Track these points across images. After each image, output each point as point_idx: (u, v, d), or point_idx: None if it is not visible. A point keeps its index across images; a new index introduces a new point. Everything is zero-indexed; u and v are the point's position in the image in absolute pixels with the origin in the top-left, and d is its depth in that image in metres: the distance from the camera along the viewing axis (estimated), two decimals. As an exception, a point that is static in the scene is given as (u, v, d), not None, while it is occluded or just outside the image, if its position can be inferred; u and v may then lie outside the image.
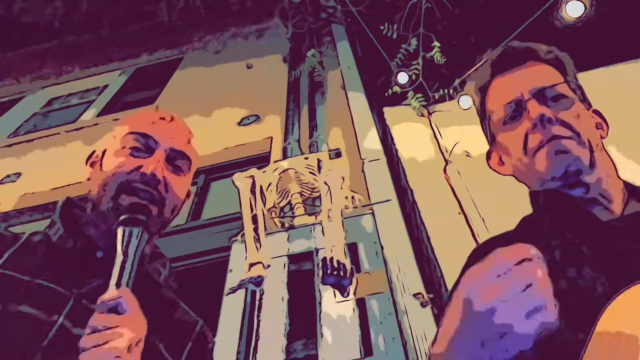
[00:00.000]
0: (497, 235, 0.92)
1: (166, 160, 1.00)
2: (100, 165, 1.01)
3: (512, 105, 0.90)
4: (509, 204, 1.30)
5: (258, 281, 2.28)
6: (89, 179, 1.03)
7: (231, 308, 2.39)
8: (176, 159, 1.02)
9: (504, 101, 0.91)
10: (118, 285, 0.82)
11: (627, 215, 0.84)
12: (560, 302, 0.59)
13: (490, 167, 1.00)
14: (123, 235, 0.87)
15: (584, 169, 0.84)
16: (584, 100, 0.94)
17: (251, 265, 2.38)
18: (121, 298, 0.79)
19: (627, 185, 0.89)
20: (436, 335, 0.69)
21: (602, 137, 0.92)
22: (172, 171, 1.01)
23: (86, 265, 0.94)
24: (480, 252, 0.92)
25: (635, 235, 0.78)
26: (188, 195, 1.08)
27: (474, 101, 1.02)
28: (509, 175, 0.97)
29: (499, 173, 0.99)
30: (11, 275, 0.88)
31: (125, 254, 0.85)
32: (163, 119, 1.05)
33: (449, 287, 2.27)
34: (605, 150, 0.90)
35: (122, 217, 0.89)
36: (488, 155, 1.00)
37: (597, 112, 0.95)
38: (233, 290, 2.33)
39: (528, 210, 0.95)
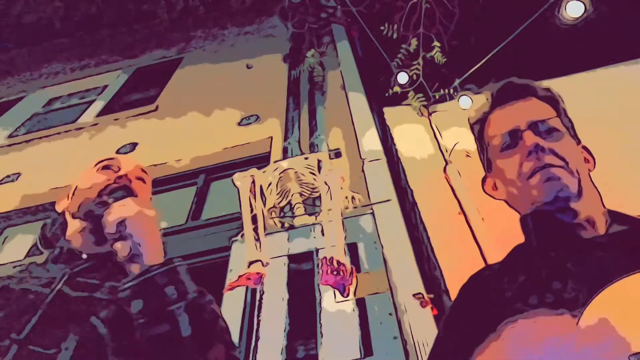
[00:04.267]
0: (489, 265, 1.01)
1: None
2: (74, 192, 1.24)
3: (510, 134, 0.99)
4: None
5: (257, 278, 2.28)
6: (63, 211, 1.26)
7: (231, 308, 2.39)
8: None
9: (502, 130, 1.01)
10: None
11: (609, 233, 0.92)
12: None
13: (485, 191, 1.10)
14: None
15: (572, 196, 0.92)
16: (574, 136, 1.04)
17: (250, 262, 2.38)
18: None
19: (611, 212, 0.97)
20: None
21: (589, 170, 1.00)
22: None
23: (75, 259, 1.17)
24: (477, 280, 0.98)
25: (616, 248, 0.85)
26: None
27: (473, 131, 1.12)
28: (502, 200, 1.06)
29: (493, 197, 1.08)
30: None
31: None
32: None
33: (449, 287, 2.27)
34: (592, 181, 0.99)
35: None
36: (483, 180, 1.10)
37: (585, 148, 1.05)
38: (231, 287, 2.32)
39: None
